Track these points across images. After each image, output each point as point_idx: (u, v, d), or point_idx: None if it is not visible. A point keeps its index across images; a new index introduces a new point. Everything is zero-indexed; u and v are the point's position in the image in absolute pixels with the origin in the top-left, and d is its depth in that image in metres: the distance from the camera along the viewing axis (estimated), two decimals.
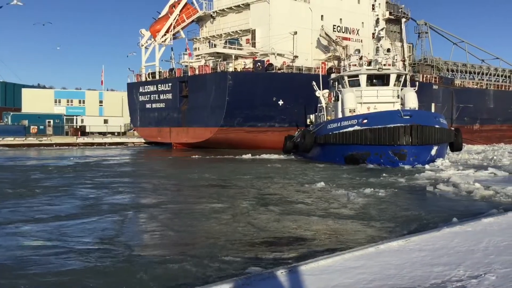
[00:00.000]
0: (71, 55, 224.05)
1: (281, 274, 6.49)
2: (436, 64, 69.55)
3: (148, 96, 56.38)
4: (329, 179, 22.61)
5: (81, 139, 63.30)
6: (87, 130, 72.96)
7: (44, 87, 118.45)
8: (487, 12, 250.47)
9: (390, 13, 63.28)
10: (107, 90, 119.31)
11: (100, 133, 73.28)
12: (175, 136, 53.51)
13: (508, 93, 74.95)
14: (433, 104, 52.09)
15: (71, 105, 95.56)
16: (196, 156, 40.45)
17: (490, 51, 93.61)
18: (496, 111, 70.93)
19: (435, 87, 60.24)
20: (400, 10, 66.09)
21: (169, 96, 53.62)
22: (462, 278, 6.42)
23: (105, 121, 79.07)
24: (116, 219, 13.44)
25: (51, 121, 73.13)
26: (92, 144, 62.67)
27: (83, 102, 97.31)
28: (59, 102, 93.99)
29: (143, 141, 66.87)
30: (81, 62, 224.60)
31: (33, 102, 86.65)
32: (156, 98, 55.28)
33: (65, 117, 77.10)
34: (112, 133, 74.23)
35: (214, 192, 18.65)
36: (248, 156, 39.26)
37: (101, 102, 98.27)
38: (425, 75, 61.02)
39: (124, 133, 77.60)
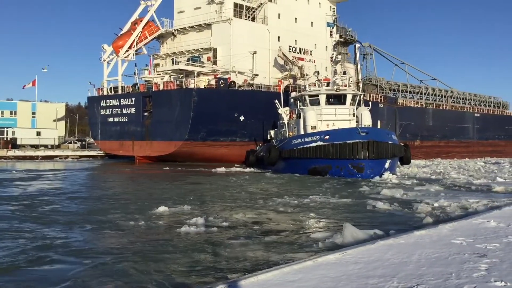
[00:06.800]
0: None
1: None
2: (380, 84, 78.75)
3: (110, 110, 59.97)
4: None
5: (11, 152, 64.10)
6: (18, 142, 73.73)
7: None
8: (425, 36, 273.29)
9: (340, 36, 71.79)
10: (41, 101, 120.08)
11: (32, 145, 74.25)
12: (138, 149, 57.39)
13: (445, 112, 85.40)
14: (379, 122, 59.47)
15: (1, 116, 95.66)
16: (167, 167, 44.80)
17: (427, 72, 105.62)
18: (435, 129, 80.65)
19: (380, 105, 67.81)
20: (347, 33, 74.97)
21: (132, 110, 57.65)
22: None
23: (38, 133, 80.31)
24: None
25: None
26: (23, 157, 63.59)
27: (15, 113, 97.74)
28: None
29: (79, 154, 68.92)
30: (15, 72, 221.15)
31: None
32: (119, 112, 59.03)
33: None
34: (46, 146, 75.29)
35: None
36: (222, 169, 42.41)
37: (33, 113, 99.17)
38: (371, 94, 69.07)
39: (58, 146, 78.90)
